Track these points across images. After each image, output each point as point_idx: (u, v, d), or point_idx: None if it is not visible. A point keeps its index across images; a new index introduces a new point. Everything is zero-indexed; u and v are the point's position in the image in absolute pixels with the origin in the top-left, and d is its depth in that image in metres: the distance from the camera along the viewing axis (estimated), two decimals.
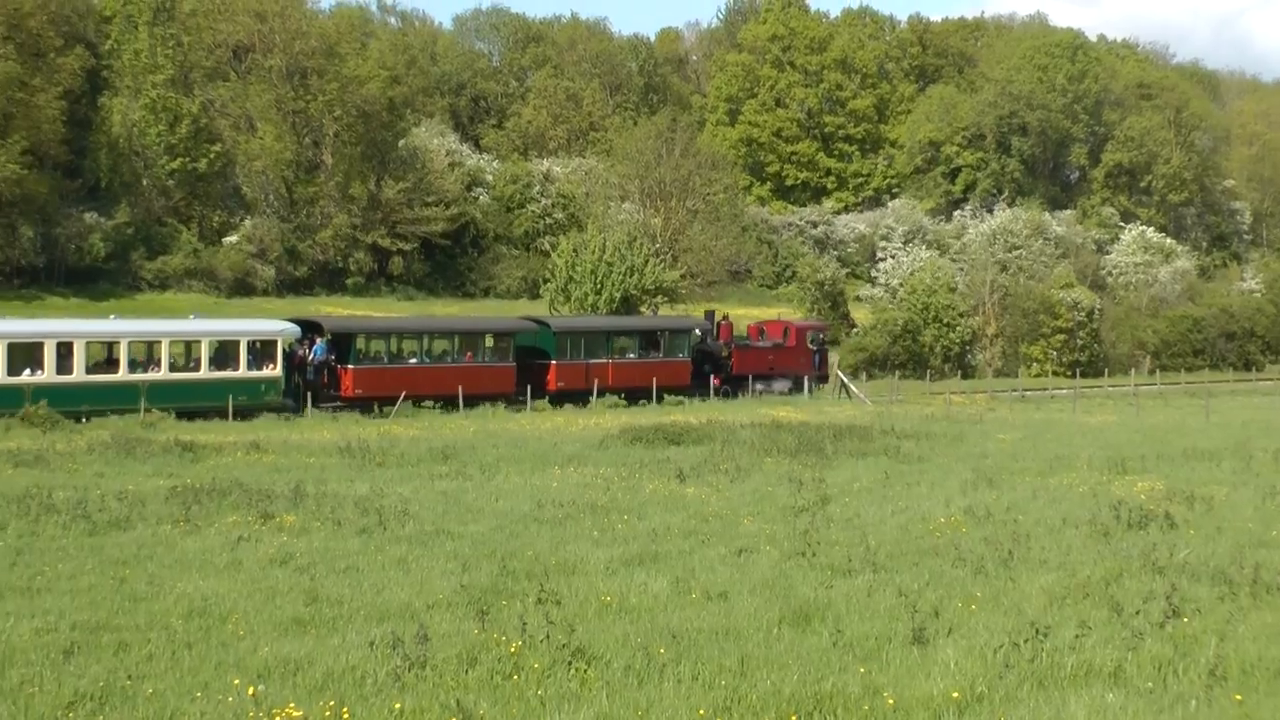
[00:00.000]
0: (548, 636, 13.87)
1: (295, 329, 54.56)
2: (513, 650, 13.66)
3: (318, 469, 31.33)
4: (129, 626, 15.15)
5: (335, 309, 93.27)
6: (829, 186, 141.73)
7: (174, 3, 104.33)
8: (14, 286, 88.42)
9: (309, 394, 52.99)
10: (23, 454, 33.30)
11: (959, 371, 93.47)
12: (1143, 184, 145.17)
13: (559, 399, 58.61)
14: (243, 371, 51.50)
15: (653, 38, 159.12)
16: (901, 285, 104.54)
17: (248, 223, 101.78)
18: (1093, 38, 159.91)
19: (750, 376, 66.24)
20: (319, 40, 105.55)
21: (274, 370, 52.23)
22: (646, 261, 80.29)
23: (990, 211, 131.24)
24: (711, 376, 65.02)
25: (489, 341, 59.64)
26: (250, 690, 12.28)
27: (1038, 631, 14.34)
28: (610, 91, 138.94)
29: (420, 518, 23.22)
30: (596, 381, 60.08)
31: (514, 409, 55.40)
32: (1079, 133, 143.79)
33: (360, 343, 55.83)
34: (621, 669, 13.41)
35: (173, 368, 50.70)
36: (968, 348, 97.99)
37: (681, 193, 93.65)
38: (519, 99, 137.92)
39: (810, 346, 69.66)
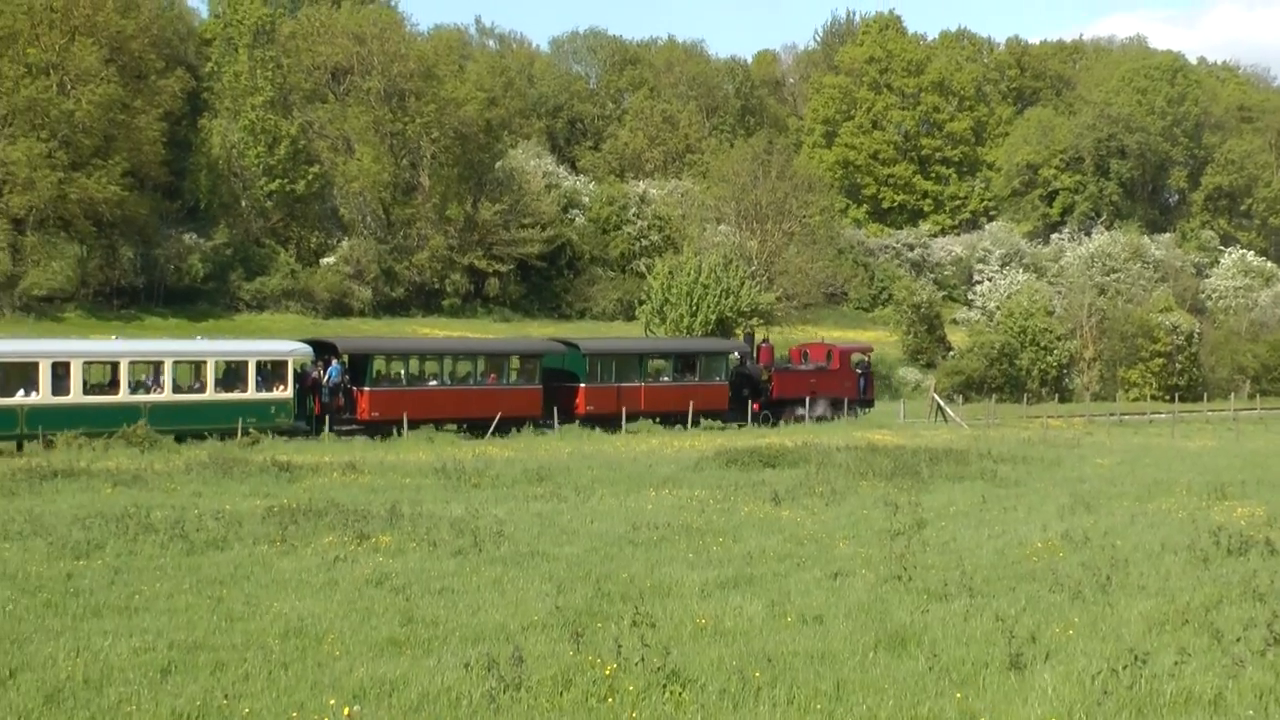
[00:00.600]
0: (643, 659, 13.77)
1: (307, 349, 52.54)
2: (608, 673, 13.57)
3: (413, 489, 31.39)
4: (226, 646, 15.19)
5: (431, 330, 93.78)
6: (925, 209, 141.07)
7: (274, 25, 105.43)
8: (114, 307, 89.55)
9: (325, 417, 51.45)
10: (121, 474, 33.58)
11: (1056, 395, 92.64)
12: (1243, 207, 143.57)
13: (589, 423, 56.47)
14: (251, 393, 49.53)
15: (750, 60, 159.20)
16: (998, 308, 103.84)
17: (345, 244, 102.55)
18: (1192, 60, 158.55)
19: (794, 401, 63.72)
20: (417, 62, 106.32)
21: (284, 392, 50.20)
22: (742, 284, 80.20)
23: (1088, 234, 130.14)
24: (751, 401, 62.62)
25: (515, 363, 58.02)
26: (346, 711, 12.26)
27: (1136, 658, 14.09)
28: (707, 114, 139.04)
29: (515, 539, 23.19)
30: (628, 406, 57.73)
31: (540, 433, 53.52)
32: (1178, 155, 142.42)
33: (377, 364, 54.09)
34: (716, 692, 13.30)
35: (177, 389, 48.61)
36: (1065, 371, 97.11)
37: (778, 215, 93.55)
38: (615, 121, 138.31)
39: (855, 370, 67.29)
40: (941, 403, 70.41)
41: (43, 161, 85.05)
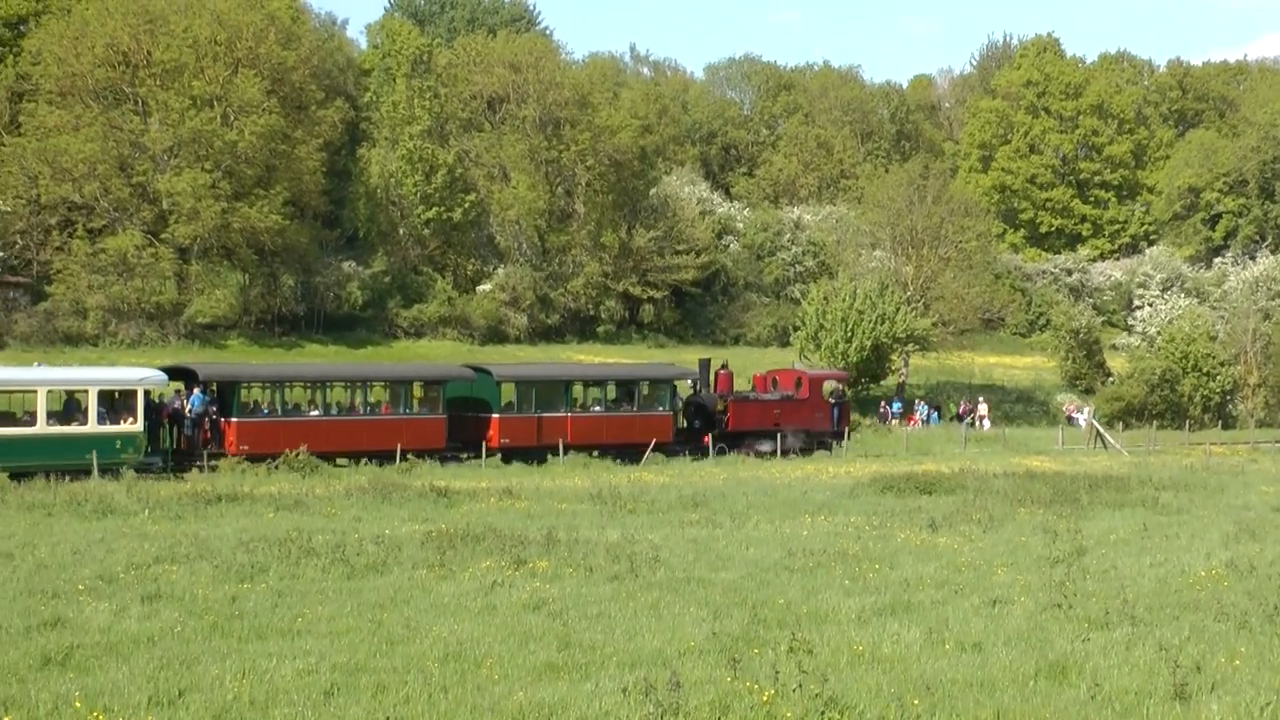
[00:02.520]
0: (800, 685, 13.73)
1: (161, 377, 48.15)
2: (765, 699, 13.54)
3: (569, 515, 31.56)
4: (386, 669, 15.36)
5: (586, 356, 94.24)
6: (1084, 233, 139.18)
7: (431, 56, 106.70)
8: (275, 334, 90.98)
9: (189, 451, 47.74)
10: (283, 498, 34.13)
11: (1219, 421, 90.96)
12: None
13: (508, 456, 52.22)
14: (91, 426, 44.61)
15: (905, 85, 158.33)
16: (1159, 334, 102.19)
17: (501, 271, 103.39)
18: None
19: (754, 433, 58.81)
20: (572, 91, 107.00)
21: (132, 425, 45.43)
22: (898, 309, 79.71)
23: (1253, 259, 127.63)
24: (703, 432, 58.03)
25: (417, 391, 53.68)
26: None
27: None
28: (861, 139, 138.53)
29: (671, 564, 23.22)
30: (551, 437, 53.39)
31: (448, 466, 49.37)
32: None
33: (246, 393, 50.09)
34: (875, 719, 13.22)
35: (1, 422, 44.23)
36: (1228, 397, 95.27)
37: (933, 240, 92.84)
38: (770, 147, 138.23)
39: (828, 400, 62.48)
40: (1101, 429, 69.45)
41: (207, 192, 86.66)
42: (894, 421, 76.63)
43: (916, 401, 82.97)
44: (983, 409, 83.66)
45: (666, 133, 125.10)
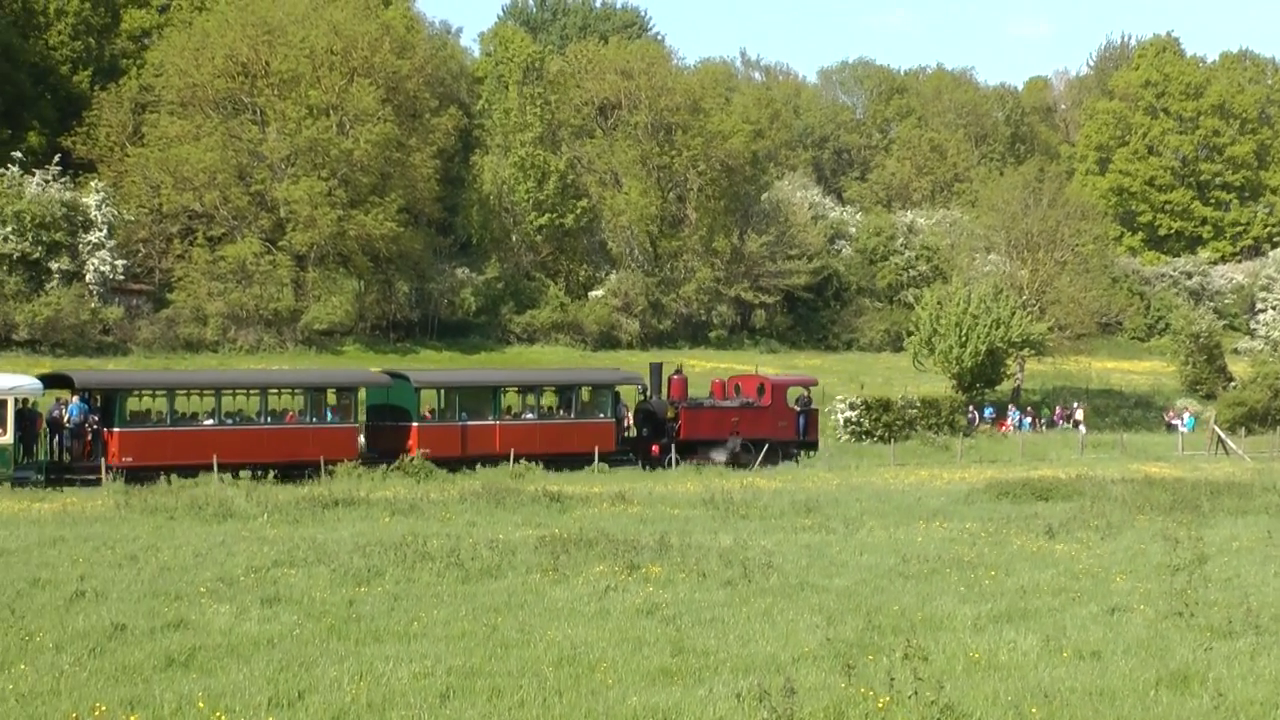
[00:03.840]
0: (916, 693, 13.65)
1: (35, 386, 45.18)
2: (880, 706, 13.49)
3: (682, 520, 31.57)
4: (502, 673, 15.45)
5: (698, 362, 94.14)
6: (1205, 236, 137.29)
7: (543, 63, 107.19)
8: (390, 341, 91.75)
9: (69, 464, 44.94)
10: (399, 502, 34.41)
11: None
12: None
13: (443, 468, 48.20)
14: None
15: (1020, 87, 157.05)
16: None
17: (613, 277, 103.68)
18: None
19: (708, 442, 54.87)
20: (684, 96, 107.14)
21: (1, 436, 42.39)
22: (1013, 314, 79.04)
23: None
24: (652, 441, 54.49)
25: (331, 399, 50.28)
26: None
27: None
28: (975, 142, 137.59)
29: (784, 570, 23.17)
30: (479, 447, 50.26)
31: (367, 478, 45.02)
32: None
33: (131, 401, 46.70)
34: None
35: None
36: None
37: (1049, 244, 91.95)
38: (882, 150, 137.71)
39: (793, 407, 58.12)
40: (1222, 435, 68.46)
41: (323, 200, 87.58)
42: (985, 427, 75.77)
43: (1009, 407, 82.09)
44: (1079, 414, 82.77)
45: (778, 137, 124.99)
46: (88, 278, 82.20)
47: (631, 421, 56.00)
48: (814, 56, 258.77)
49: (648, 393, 55.79)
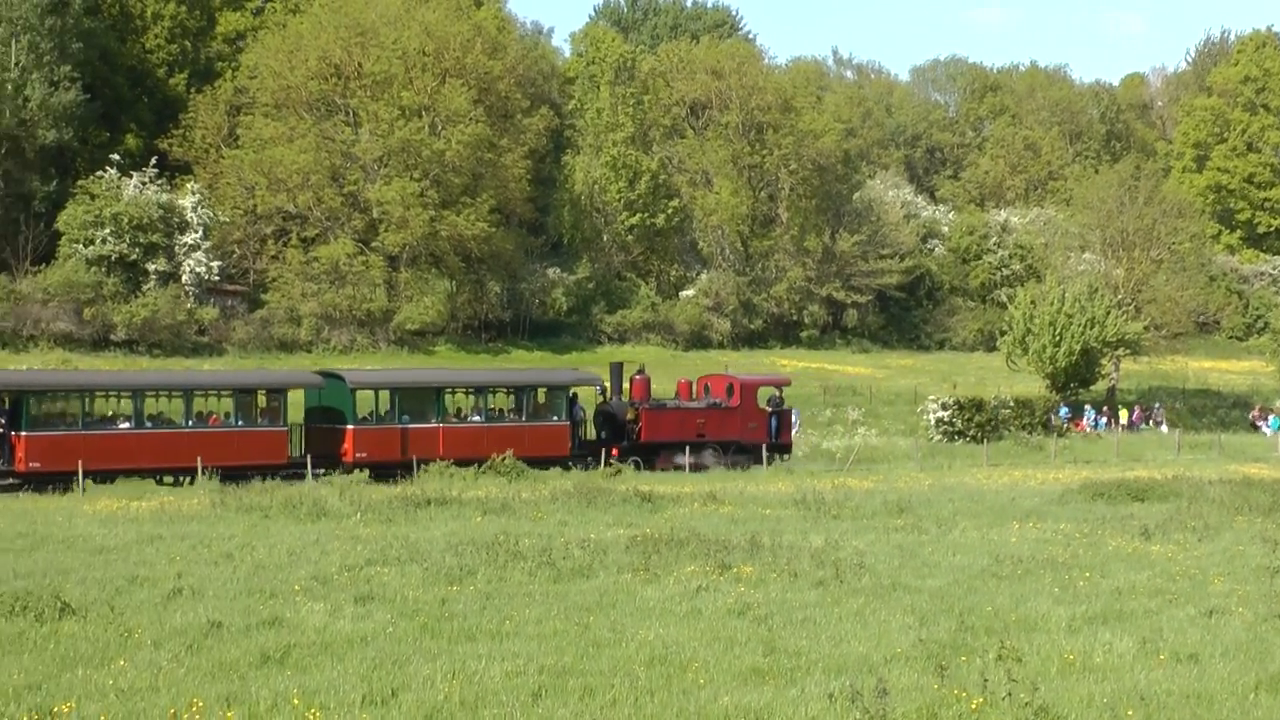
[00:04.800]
0: (1009, 694, 13.57)
1: None
2: (974, 707, 13.41)
3: (773, 520, 31.50)
4: (593, 671, 15.48)
5: (789, 362, 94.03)
6: None
7: (634, 63, 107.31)
8: (482, 340, 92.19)
9: None
10: (490, 502, 34.54)
11: None
12: None
13: (377, 475, 45.74)
14: None
15: (1116, 84, 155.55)
16: None
17: (704, 277, 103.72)
18: None
19: (672, 445, 52.04)
20: (775, 95, 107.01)
21: None
22: (1108, 313, 78.35)
23: None
24: (610, 445, 51.68)
25: (262, 401, 47.62)
26: None
27: None
28: (1070, 140, 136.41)
29: (876, 570, 23.07)
30: (421, 451, 47.25)
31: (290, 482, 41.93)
32: None
33: (36, 403, 43.89)
34: None
35: None
36: None
37: (1145, 242, 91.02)
38: (975, 149, 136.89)
39: (764, 408, 55.18)
40: None
41: (415, 200, 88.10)
42: (1066, 426, 74.84)
43: (1085, 406, 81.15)
44: (1159, 414, 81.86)
45: (870, 136, 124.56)
46: (184, 279, 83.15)
47: (592, 424, 53.25)
48: (906, 55, 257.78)
49: (607, 394, 52.99)
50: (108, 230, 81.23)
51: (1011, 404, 70.66)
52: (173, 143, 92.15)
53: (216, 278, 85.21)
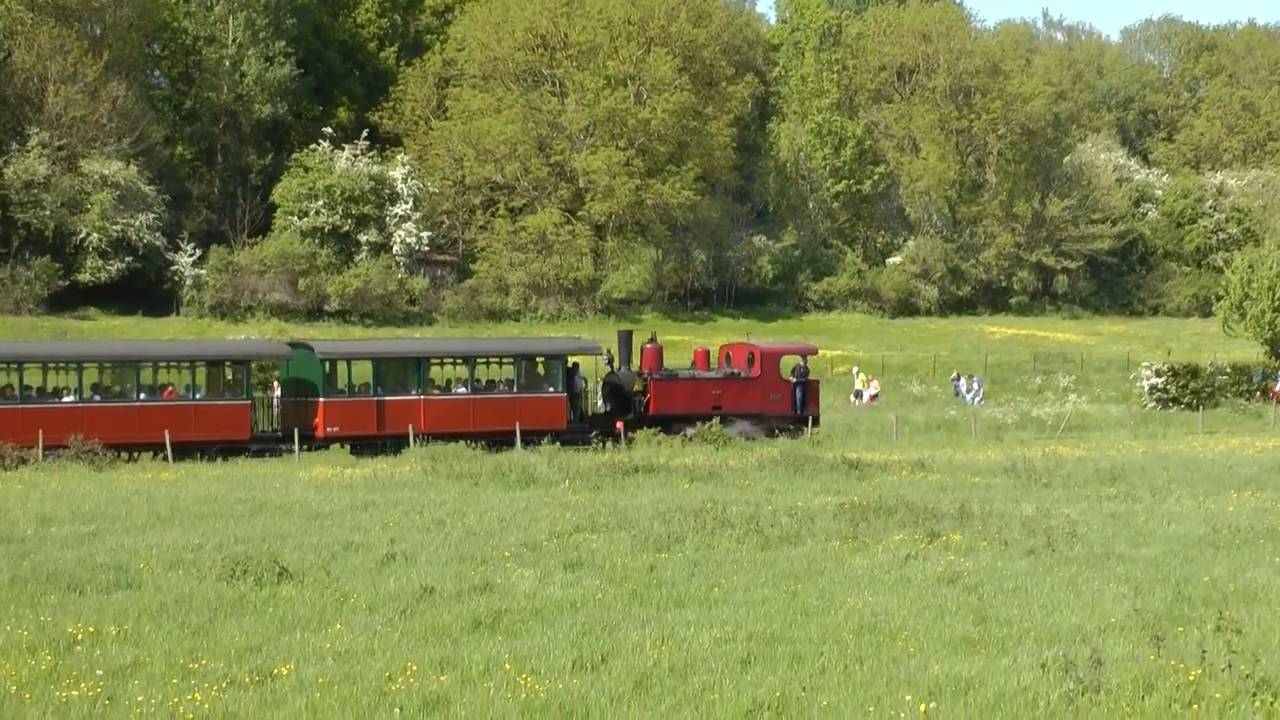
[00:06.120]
0: (1229, 665, 13.26)
1: None
2: (1192, 679, 13.14)
3: (982, 488, 31.15)
4: (802, 639, 15.45)
5: (998, 329, 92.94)
6: None
7: (840, 28, 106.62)
8: (688, 309, 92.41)
9: None
10: (698, 469, 34.61)
11: None
12: None
13: (361, 449, 42.86)
14: None
15: None
16: None
17: (910, 243, 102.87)
18: None
19: (686, 417, 47.92)
20: (983, 59, 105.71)
21: None
22: None
23: None
24: (616, 416, 48.09)
25: (229, 373, 44.63)
26: (922, 707, 12.29)
27: None
28: None
29: (1089, 539, 22.69)
30: (399, 425, 44.23)
31: (259, 459, 40.74)
32: None
33: None
34: None
35: None
36: None
37: None
38: (1190, 110, 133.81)
39: (788, 378, 51.26)
40: None
41: (621, 169, 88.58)
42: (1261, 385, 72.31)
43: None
44: None
45: (1081, 99, 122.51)
46: (394, 249, 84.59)
47: (601, 396, 50.14)
48: (1118, 15, 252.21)
49: (614, 363, 49.59)
50: (321, 202, 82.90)
51: (1228, 370, 68.98)
52: (383, 115, 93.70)
53: (426, 248, 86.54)
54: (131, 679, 13.59)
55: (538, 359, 48.68)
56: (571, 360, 49.43)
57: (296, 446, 41.28)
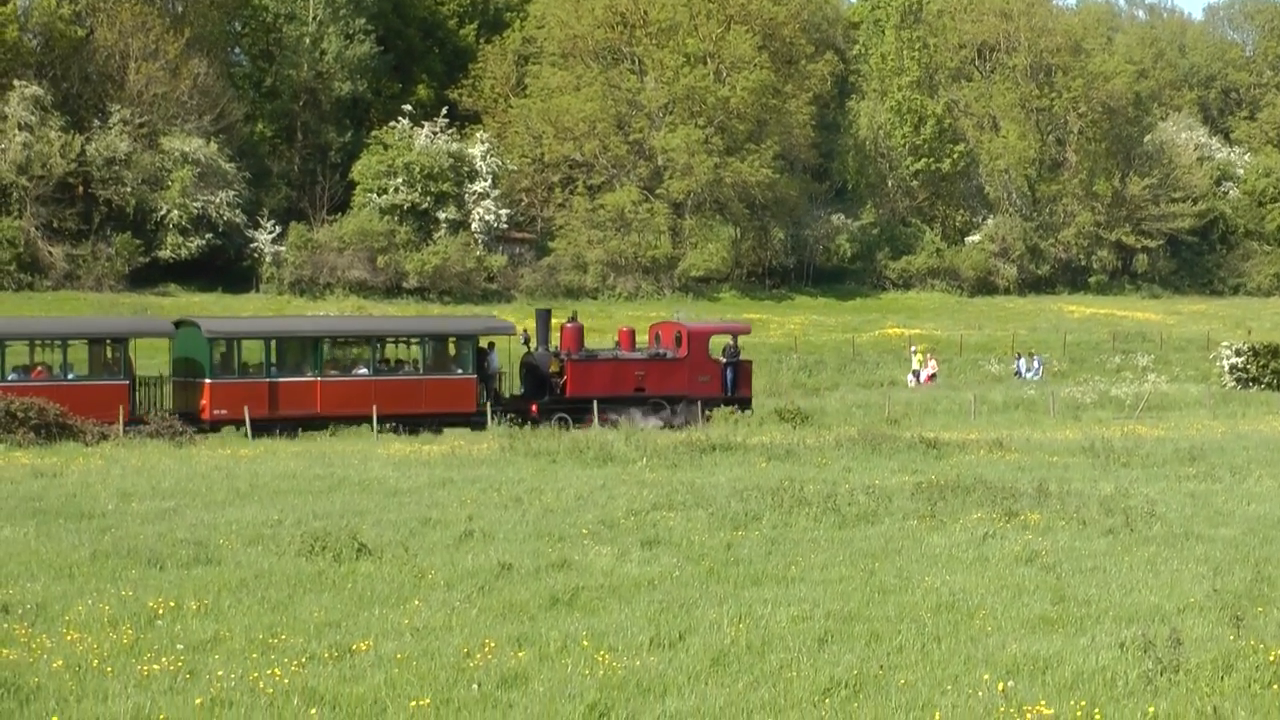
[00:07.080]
0: None
1: None
2: (1272, 659, 13.09)
3: (1060, 468, 31.04)
4: (879, 618, 15.47)
5: (1077, 308, 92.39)
6: None
7: (921, 5, 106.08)
8: (766, 287, 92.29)
9: None
10: (775, 447, 34.62)
11: None
12: None
13: (270, 431, 41.16)
14: None
15: None
16: None
17: (990, 222, 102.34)
18: None
19: (606, 400, 45.40)
20: (1064, 37, 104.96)
21: None
22: None
23: None
24: (532, 399, 46.07)
25: (109, 354, 42.05)
26: (1000, 686, 12.31)
27: None
28: None
29: (1168, 519, 22.59)
30: (295, 407, 42.47)
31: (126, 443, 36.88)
32: None
33: None
34: None
35: None
36: None
37: None
38: (1274, 89, 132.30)
39: (718, 358, 48.65)
40: None
41: (700, 147, 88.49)
42: None
43: None
44: None
45: (1162, 77, 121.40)
46: (473, 226, 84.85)
47: (512, 379, 48.21)
48: None
49: (531, 344, 47.24)
50: (400, 180, 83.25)
51: None
52: (462, 93, 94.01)
53: (505, 225, 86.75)
54: (211, 653, 13.77)
55: (448, 339, 46.67)
56: (487, 341, 47.48)
57: (180, 429, 38.90)
